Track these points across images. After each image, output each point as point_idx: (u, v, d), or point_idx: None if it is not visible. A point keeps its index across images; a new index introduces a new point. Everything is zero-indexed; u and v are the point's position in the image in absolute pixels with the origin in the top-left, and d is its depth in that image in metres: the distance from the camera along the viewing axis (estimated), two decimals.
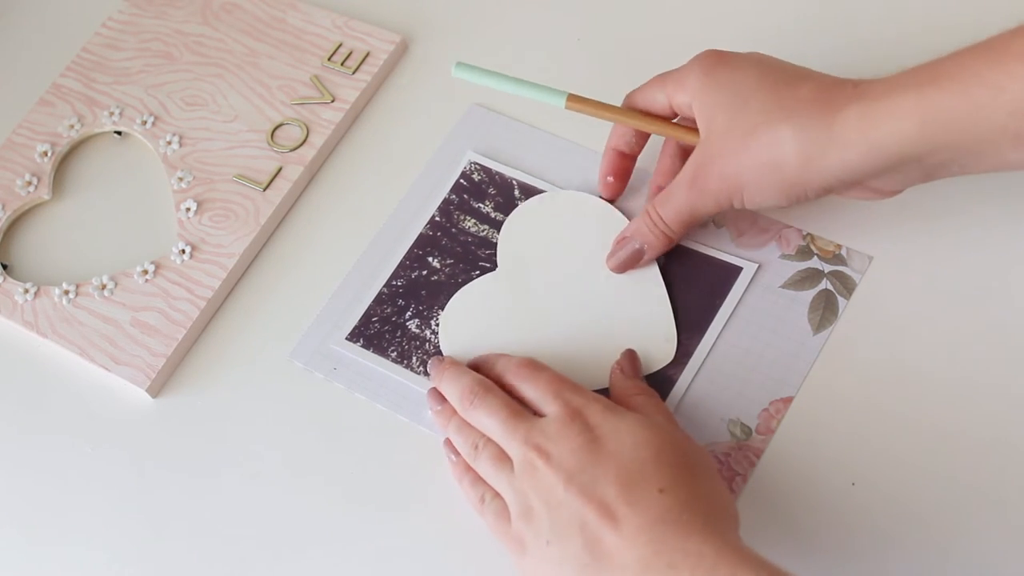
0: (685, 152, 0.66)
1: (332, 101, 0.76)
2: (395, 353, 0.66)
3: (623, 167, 0.68)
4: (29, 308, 0.72)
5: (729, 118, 0.59)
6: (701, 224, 0.66)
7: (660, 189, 0.66)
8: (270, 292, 0.71)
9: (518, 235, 0.69)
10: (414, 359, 0.66)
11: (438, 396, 0.62)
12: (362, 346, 0.67)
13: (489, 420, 0.58)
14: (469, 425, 0.60)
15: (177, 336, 0.69)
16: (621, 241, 0.65)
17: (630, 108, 0.65)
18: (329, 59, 0.78)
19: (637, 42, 0.76)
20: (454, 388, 0.61)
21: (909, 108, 0.53)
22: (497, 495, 0.58)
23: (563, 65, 0.76)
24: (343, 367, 0.67)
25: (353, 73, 0.77)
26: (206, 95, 0.78)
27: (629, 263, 0.65)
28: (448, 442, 0.62)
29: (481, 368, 0.63)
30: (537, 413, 0.58)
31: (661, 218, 0.63)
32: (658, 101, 0.64)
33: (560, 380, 0.59)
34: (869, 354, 0.62)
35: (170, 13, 0.82)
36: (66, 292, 0.71)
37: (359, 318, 0.68)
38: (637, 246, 0.64)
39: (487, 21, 0.79)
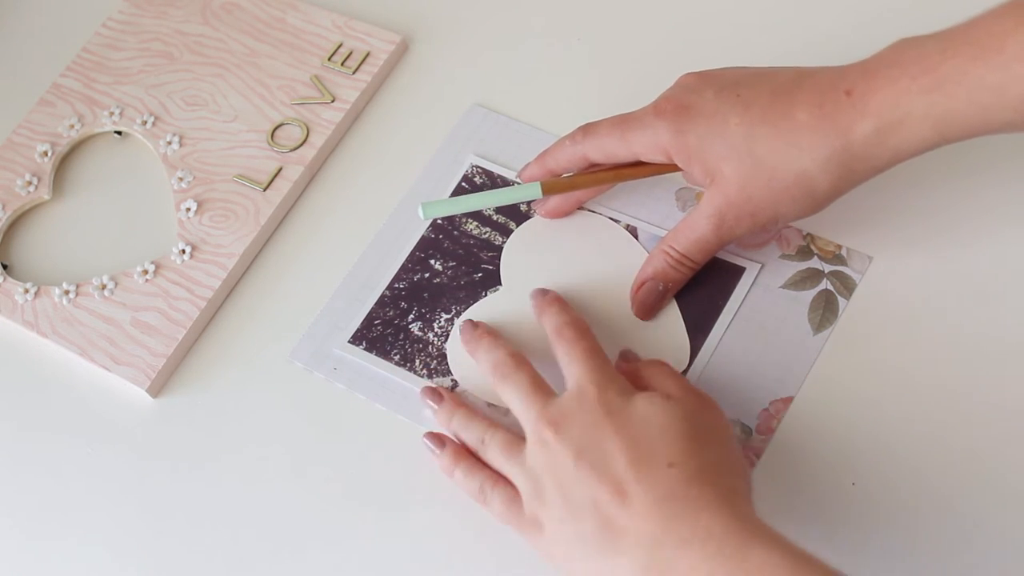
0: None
1: (332, 101, 0.76)
2: (398, 356, 0.66)
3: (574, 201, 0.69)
4: (29, 308, 0.71)
5: (736, 166, 0.59)
6: None
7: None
8: (270, 292, 0.71)
9: (521, 253, 0.68)
10: (417, 362, 0.66)
11: (434, 395, 0.63)
12: (365, 349, 0.67)
13: (513, 395, 0.59)
14: (473, 419, 0.60)
15: (177, 336, 0.69)
16: (642, 285, 0.64)
17: (600, 169, 0.65)
18: (329, 59, 0.78)
19: (636, 41, 0.76)
20: (487, 360, 0.61)
21: (921, 115, 0.55)
22: (499, 483, 0.58)
23: (563, 65, 0.76)
24: (343, 367, 0.67)
25: (353, 73, 0.77)
26: (206, 95, 0.78)
27: (656, 306, 0.64)
28: (430, 436, 0.62)
29: (538, 313, 0.63)
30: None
31: (686, 256, 0.63)
32: (619, 155, 0.63)
33: (593, 354, 0.58)
34: (869, 354, 0.62)
35: (170, 13, 0.82)
36: (66, 292, 0.71)
37: (361, 321, 0.68)
38: (661, 288, 0.64)
39: (487, 21, 0.79)
